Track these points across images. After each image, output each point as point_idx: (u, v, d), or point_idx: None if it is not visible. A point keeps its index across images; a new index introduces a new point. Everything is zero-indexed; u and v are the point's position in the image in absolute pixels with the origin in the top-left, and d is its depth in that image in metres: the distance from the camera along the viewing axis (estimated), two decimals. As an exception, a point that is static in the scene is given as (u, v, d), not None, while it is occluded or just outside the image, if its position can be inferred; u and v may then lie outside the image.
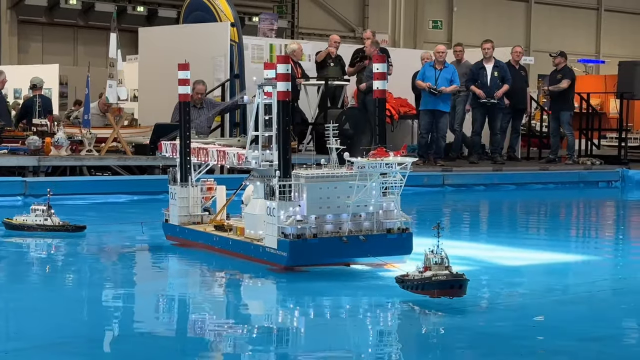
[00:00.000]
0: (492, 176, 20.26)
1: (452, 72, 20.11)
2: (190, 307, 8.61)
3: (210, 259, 10.43)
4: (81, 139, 17.42)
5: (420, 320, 7.93)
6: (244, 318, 8.27)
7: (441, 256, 8.09)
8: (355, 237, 9.49)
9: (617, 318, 8.19)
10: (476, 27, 39.94)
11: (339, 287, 9.05)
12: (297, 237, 9.33)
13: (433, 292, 8.00)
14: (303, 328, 7.84)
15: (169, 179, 11.33)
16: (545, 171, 21.11)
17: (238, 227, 10.48)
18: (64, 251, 11.30)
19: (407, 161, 9.18)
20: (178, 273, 10.43)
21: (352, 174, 9.43)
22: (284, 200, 9.42)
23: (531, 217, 16.66)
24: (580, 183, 21.23)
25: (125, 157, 17.47)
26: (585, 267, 11.00)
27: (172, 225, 11.30)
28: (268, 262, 9.67)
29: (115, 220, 14.32)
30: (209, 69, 19.67)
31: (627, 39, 45.23)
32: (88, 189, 16.32)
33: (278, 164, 9.64)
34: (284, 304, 8.77)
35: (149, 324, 7.90)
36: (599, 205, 19.27)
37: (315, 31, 37.36)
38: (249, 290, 9.46)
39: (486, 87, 20.79)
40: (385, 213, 9.69)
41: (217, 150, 10.96)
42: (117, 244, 11.99)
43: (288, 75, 9.61)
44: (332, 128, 9.68)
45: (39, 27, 33.72)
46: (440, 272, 8.02)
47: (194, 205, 11.23)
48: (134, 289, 9.46)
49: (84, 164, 17.35)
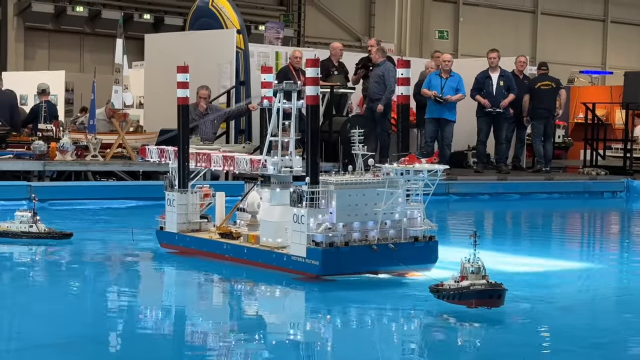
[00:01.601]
0: (496, 185, 20.23)
1: (458, 81, 20.13)
2: (226, 317, 8.40)
3: (220, 267, 10.18)
4: (86, 144, 17.46)
5: (457, 331, 7.75)
6: (279, 327, 8.09)
7: (478, 265, 7.89)
8: (384, 246, 9.34)
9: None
10: (482, 37, 39.93)
11: (373, 296, 8.92)
12: (329, 245, 9.16)
13: (471, 302, 7.81)
14: (344, 337, 7.68)
15: (165, 185, 11.03)
16: (550, 181, 21.08)
17: (250, 234, 10.22)
18: (51, 259, 10.94)
19: (437, 168, 9.05)
20: (192, 283, 10.07)
21: (381, 181, 9.29)
22: (313, 207, 9.24)
23: (537, 227, 16.62)
24: (585, 193, 21.20)
25: (130, 163, 17.49)
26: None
27: (169, 233, 11.01)
28: (294, 271, 9.44)
29: (112, 226, 14.07)
30: (214, 76, 19.70)
31: (634, 50, 45.20)
32: (93, 194, 16.35)
33: (307, 170, 9.45)
34: (322, 313, 8.52)
35: (179, 336, 7.67)
36: (604, 215, 19.24)
37: (322, 40, 37.35)
38: (280, 299, 9.24)
39: (492, 96, 20.77)
40: (410, 221, 9.54)
41: (223, 155, 10.76)
42: (108, 253, 11.61)
43: (317, 79, 9.49)
44: (357, 134, 9.49)
45: (46, 34, 33.77)
46: (477, 282, 7.82)
47: (192, 212, 10.98)
48: (148, 300, 9.12)
49: (89, 169, 17.38)
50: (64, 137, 17.27)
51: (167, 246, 11.10)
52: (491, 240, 14.39)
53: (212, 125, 18.52)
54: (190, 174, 11.04)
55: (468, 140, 22.08)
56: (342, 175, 9.44)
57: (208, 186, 11.32)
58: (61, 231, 11.50)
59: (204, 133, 17.96)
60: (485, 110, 20.76)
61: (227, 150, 12.68)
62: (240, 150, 16.05)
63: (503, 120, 21.02)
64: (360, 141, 9.45)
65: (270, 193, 10.14)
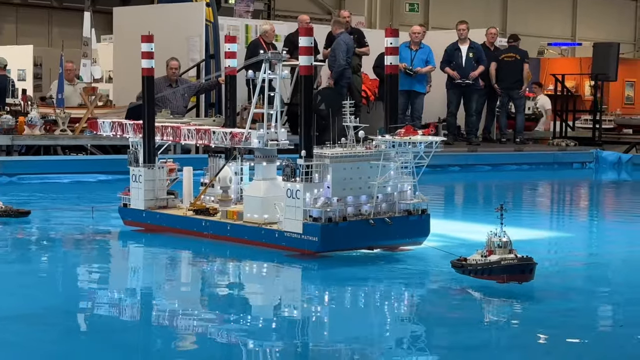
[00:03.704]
0: (467, 157, 20.33)
1: (428, 53, 20.14)
2: (220, 299, 8.04)
3: (199, 245, 9.88)
4: (55, 119, 17.35)
5: (486, 306, 7.60)
6: (287, 309, 7.81)
7: (505, 239, 7.76)
8: (381, 220, 9.25)
9: None
10: (452, 9, 39.83)
11: (378, 271, 8.78)
12: (327, 220, 9.00)
13: (502, 277, 7.61)
14: (375, 314, 7.50)
15: (129, 160, 10.72)
16: (519, 152, 21.22)
17: (230, 210, 9.96)
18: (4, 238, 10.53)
19: (435, 140, 8.94)
20: (169, 262, 9.74)
21: (375, 153, 9.16)
22: (308, 181, 9.08)
23: (510, 197, 16.67)
24: (554, 164, 21.37)
25: (99, 137, 17.38)
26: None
27: (134, 210, 10.70)
28: (288, 248, 9.23)
29: (78, 202, 13.83)
30: (183, 49, 19.61)
31: (603, 22, 45.35)
32: (62, 169, 16.26)
33: (301, 143, 9.21)
34: (329, 292, 8.23)
35: (172, 313, 7.42)
36: (574, 186, 19.39)
37: (292, 13, 37.17)
38: (280, 278, 8.94)
39: (461, 68, 20.81)
40: (401, 194, 9.45)
41: (196, 128, 10.39)
42: (67, 231, 11.22)
43: (311, 48, 9.29)
44: (348, 105, 9.36)
45: (13, 9, 33.40)
46: (507, 256, 7.65)
47: (160, 188, 10.70)
48: (122, 283, 8.79)
49: (58, 143, 17.28)
50: (32, 112, 17.15)
51: (133, 223, 10.82)
52: (461, 211, 14.51)
53: (182, 98, 18.44)
54: (159, 149, 10.79)
55: (439, 113, 22.13)
56: (334, 148, 9.26)
57: (172, 160, 11.01)
58: (18, 209, 11.25)
59: (174, 107, 17.86)
60: (455, 82, 20.80)
61: (197, 124, 12.51)
62: (210, 124, 15.98)
63: (473, 92, 21.08)
64: (345, 113, 9.26)
65: (255, 167, 9.86)
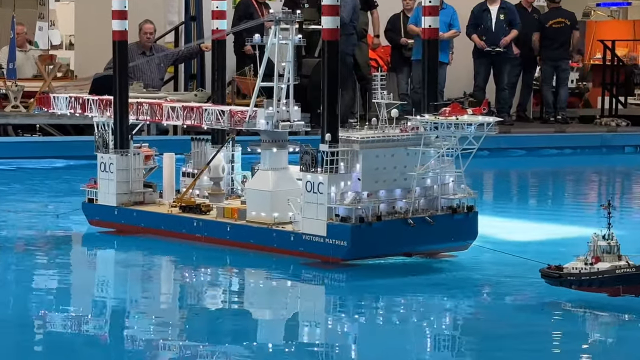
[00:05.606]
0: (498, 139, 20.16)
1: (451, 15, 19.96)
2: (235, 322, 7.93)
3: (188, 251, 9.56)
4: (5, 93, 17.27)
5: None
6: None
7: (613, 243, 7.55)
8: (421, 219, 8.87)
9: None
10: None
11: (427, 286, 8.56)
12: (359, 220, 8.62)
13: (617, 288, 7.44)
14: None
15: (96, 145, 10.36)
16: (561, 133, 21.07)
17: (228, 208, 9.63)
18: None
19: (487, 120, 8.59)
20: (157, 272, 9.58)
21: (413, 137, 8.79)
22: (333, 172, 8.64)
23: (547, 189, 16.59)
24: (602, 148, 21.23)
25: (58, 115, 17.29)
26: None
27: (103, 207, 10.32)
28: (306, 254, 8.86)
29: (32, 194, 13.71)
30: (160, 11, 19.54)
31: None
32: (13, 152, 16.20)
33: (323, 125, 8.76)
34: (364, 314, 8.06)
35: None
36: (626, 175, 19.29)
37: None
38: (298, 293, 8.64)
39: (490, 32, 20.63)
40: (443, 187, 9.06)
41: (183, 105, 10.03)
42: (19, 234, 10.91)
43: (337, 8, 8.86)
44: (379, 77, 9.06)
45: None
46: (621, 264, 7.45)
47: (135, 179, 10.31)
48: (119, 292, 8.76)
49: (9, 122, 17.17)
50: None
51: (101, 223, 10.48)
52: (492, 204, 14.41)
53: (157, 69, 18.34)
54: (132, 130, 10.46)
55: (464, 87, 22.01)
56: (363, 131, 8.84)
57: (148, 145, 10.64)
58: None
59: (148, 79, 17.79)
60: (484, 51, 20.66)
61: (176, 99, 12.29)
62: (191, 99, 15.92)
63: (505, 61, 20.91)
64: (381, 87, 8.94)
65: (262, 154, 9.48)
